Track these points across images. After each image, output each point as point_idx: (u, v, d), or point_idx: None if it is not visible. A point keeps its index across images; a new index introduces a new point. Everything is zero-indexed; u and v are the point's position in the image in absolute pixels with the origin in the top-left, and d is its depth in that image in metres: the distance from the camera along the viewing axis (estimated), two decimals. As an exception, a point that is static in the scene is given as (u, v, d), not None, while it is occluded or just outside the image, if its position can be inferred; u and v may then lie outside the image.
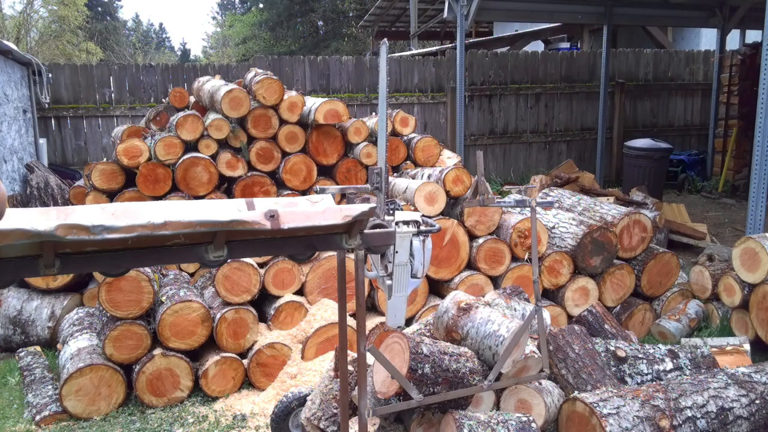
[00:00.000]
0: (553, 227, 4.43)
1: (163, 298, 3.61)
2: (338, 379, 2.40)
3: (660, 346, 3.25)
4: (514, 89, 9.90)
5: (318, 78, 8.80)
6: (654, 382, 2.84)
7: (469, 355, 2.53)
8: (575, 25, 12.16)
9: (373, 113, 6.16)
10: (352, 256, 1.92)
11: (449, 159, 5.61)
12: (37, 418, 3.30)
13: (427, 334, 2.91)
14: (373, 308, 4.04)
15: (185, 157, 4.61)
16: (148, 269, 3.58)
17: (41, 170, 7.02)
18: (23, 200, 6.57)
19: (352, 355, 2.67)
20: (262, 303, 3.99)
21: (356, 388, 2.08)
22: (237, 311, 3.65)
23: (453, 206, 4.40)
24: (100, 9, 41.12)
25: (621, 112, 10.36)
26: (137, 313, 3.48)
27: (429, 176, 4.59)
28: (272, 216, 1.64)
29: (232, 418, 3.34)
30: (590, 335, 3.18)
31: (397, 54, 12.46)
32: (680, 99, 11.00)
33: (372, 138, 5.24)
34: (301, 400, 2.82)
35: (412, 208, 4.14)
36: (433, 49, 13.32)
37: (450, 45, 11.51)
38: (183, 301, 3.51)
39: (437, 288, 4.23)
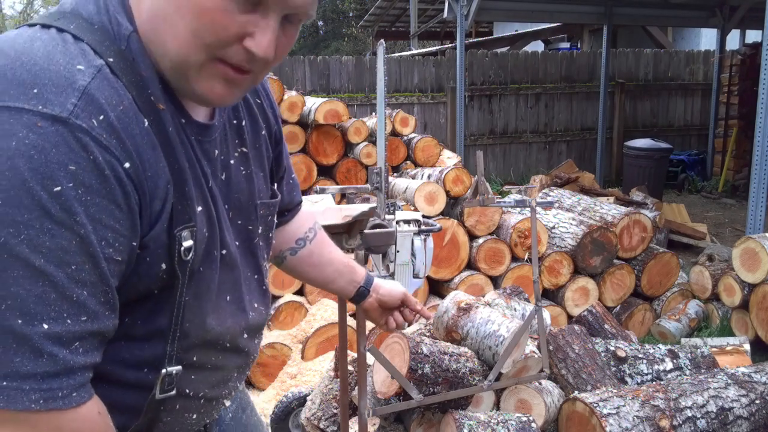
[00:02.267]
0: (553, 227, 4.43)
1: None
2: (338, 379, 2.40)
3: (660, 346, 3.25)
4: (514, 89, 9.90)
5: (318, 78, 8.80)
6: (654, 382, 2.84)
7: (469, 355, 2.53)
8: (575, 25, 12.16)
9: (373, 113, 6.16)
10: (352, 256, 1.92)
11: (449, 159, 5.62)
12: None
13: (427, 334, 2.91)
14: (373, 308, 4.04)
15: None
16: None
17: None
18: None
19: (352, 355, 2.67)
20: (262, 303, 3.98)
21: (356, 388, 2.07)
22: (237, 311, 3.65)
23: (453, 206, 4.40)
24: (100, 9, 41.11)
25: (621, 112, 10.36)
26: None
27: (429, 176, 4.59)
28: (272, 216, 1.63)
29: (232, 418, 3.34)
30: (590, 335, 3.18)
31: (397, 54, 12.46)
32: (680, 99, 11.00)
33: (372, 138, 5.24)
34: (301, 400, 2.82)
35: (412, 208, 4.14)
36: (433, 49, 13.33)
37: (450, 45, 11.52)
38: (183, 301, 3.51)
39: (437, 288, 4.22)
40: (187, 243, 0.82)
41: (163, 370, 0.85)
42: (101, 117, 0.71)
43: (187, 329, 0.87)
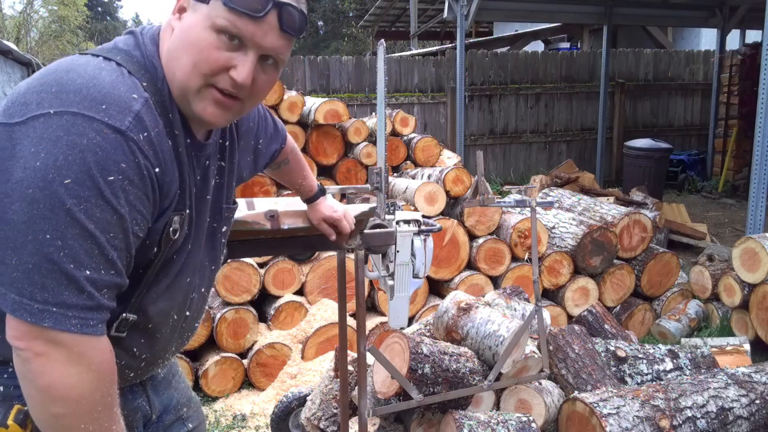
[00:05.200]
0: (553, 227, 4.43)
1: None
2: (338, 379, 2.40)
3: (660, 346, 3.25)
4: (514, 89, 9.90)
5: (318, 78, 8.80)
6: (654, 382, 2.84)
7: (469, 355, 2.53)
8: (575, 25, 12.16)
9: (373, 113, 6.16)
10: (352, 256, 1.92)
11: (449, 159, 5.62)
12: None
13: (427, 334, 2.91)
14: (373, 308, 4.04)
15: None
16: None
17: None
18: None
19: (352, 355, 2.67)
20: (262, 303, 3.99)
21: (356, 388, 2.07)
22: (237, 311, 3.65)
23: (453, 206, 4.40)
24: (100, 9, 41.15)
25: (621, 112, 10.36)
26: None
27: (429, 176, 4.59)
28: (272, 216, 1.64)
29: (232, 418, 3.34)
30: (590, 335, 3.18)
31: (397, 54, 12.46)
32: (680, 99, 11.00)
33: (372, 138, 5.24)
34: (301, 400, 2.82)
35: (412, 208, 4.14)
36: (433, 49, 13.32)
37: (450, 45, 11.51)
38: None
39: (437, 288, 4.23)
40: (175, 225, 1.10)
41: (123, 315, 1.09)
42: (145, 134, 0.99)
43: (150, 298, 1.13)
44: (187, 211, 1.13)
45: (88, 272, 0.94)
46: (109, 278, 0.97)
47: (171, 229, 1.09)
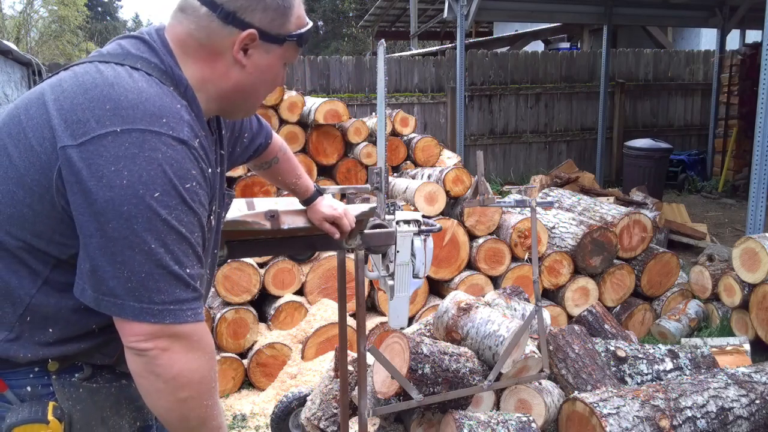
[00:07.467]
0: (553, 227, 4.43)
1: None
2: (338, 379, 2.40)
3: (660, 346, 3.25)
4: (514, 89, 9.89)
5: (318, 78, 8.80)
6: (654, 382, 2.84)
7: (469, 355, 2.53)
8: (575, 25, 12.16)
9: (373, 113, 6.15)
10: (352, 256, 1.92)
11: (449, 159, 5.62)
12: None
13: (427, 334, 2.91)
14: (373, 308, 4.04)
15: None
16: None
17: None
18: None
19: (352, 355, 2.66)
20: (262, 303, 3.99)
21: (356, 388, 2.07)
22: (237, 311, 3.65)
23: (453, 206, 4.40)
24: (100, 9, 41.17)
25: (621, 112, 10.36)
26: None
27: (429, 176, 4.59)
28: (272, 216, 1.64)
29: (232, 418, 3.34)
30: (590, 335, 3.18)
31: (397, 54, 12.46)
32: (680, 99, 10.99)
33: (372, 138, 5.24)
34: (301, 400, 2.82)
35: (412, 208, 4.14)
36: (433, 49, 13.32)
37: (450, 45, 11.51)
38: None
39: (437, 288, 4.22)
40: (211, 216, 1.22)
41: None
42: (197, 140, 1.10)
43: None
44: (216, 201, 1.25)
45: (188, 270, 1.06)
46: (199, 270, 1.10)
47: (211, 219, 1.22)
